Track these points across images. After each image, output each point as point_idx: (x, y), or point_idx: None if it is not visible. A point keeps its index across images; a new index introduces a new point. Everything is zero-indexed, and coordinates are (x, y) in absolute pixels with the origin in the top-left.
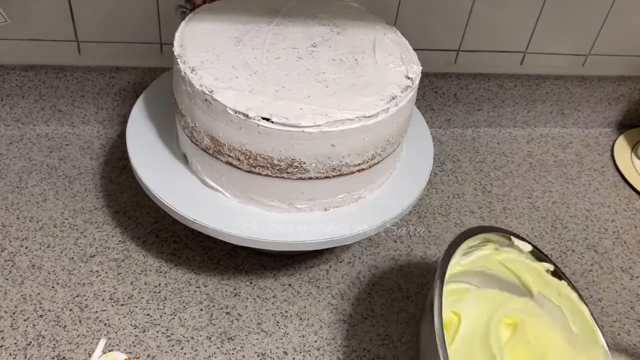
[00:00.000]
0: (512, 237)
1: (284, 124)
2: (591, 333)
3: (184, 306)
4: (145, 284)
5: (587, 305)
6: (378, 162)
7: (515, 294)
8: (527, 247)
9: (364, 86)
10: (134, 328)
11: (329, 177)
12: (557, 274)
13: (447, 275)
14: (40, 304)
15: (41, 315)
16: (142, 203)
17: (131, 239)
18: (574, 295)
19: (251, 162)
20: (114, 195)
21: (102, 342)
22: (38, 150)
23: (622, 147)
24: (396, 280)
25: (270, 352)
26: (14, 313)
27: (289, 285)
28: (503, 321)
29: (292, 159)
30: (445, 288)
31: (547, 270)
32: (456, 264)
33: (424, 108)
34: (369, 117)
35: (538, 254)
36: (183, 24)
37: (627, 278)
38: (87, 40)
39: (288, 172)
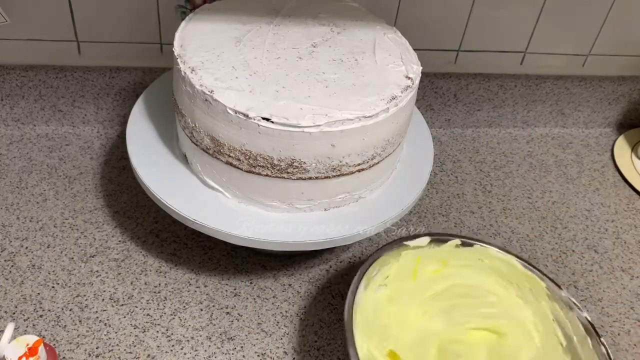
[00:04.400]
0: (404, 242)
1: (284, 124)
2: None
3: (184, 306)
4: (145, 284)
5: (514, 254)
6: (378, 162)
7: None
8: (425, 240)
9: (364, 86)
10: (134, 328)
11: (329, 177)
12: (467, 244)
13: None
14: (40, 304)
15: (41, 316)
16: (142, 203)
17: (131, 239)
18: (494, 250)
19: (251, 162)
20: (114, 195)
21: (11, 327)
22: (38, 150)
23: (622, 147)
24: None
25: (270, 352)
26: (14, 313)
27: (289, 285)
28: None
29: (292, 159)
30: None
31: (457, 245)
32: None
33: (424, 108)
34: (369, 117)
35: (439, 239)
36: (183, 24)
37: (627, 278)
38: (87, 40)
39: (288, 172)
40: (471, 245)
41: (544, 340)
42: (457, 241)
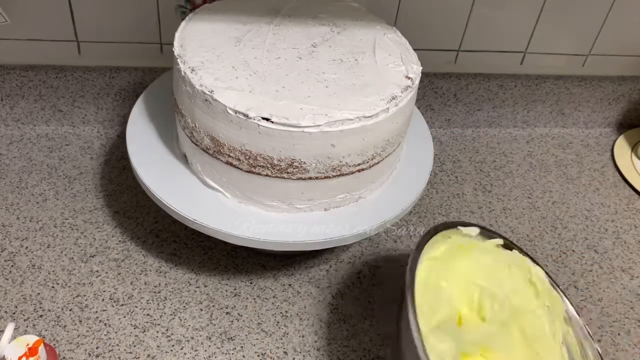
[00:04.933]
0: (458, 227)
1: (284, 124)
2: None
3: (184, 306)
4: (145, 284)
5: (541, 267)
6: (378, 162)
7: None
8: (475, 230)
9: (364, 86)
10: (134, 328)
11: (329, 177)
12: (508, 246)
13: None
14: (40, 304)
15: (41, 315)
16: (142, 203)
17: (131, 239)
18: (527, 260)
19: (251, 162)
20: (114, 195)
21: (11, 327)
22: (38, 150)
23: (622, 147)
24: (396, 280)
25: (270, 352)
26: (14, 313)
27: (289, 285)
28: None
29: (292, 159)
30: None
31: (498, 245)
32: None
33: (424, 108)
34: (369, 117)
35: (486, 233)
36: (183, 24)
37: (627, 278)
38: (87, 40)
39: (288, 172)
40: (510, 249)
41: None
42: (500, 241)
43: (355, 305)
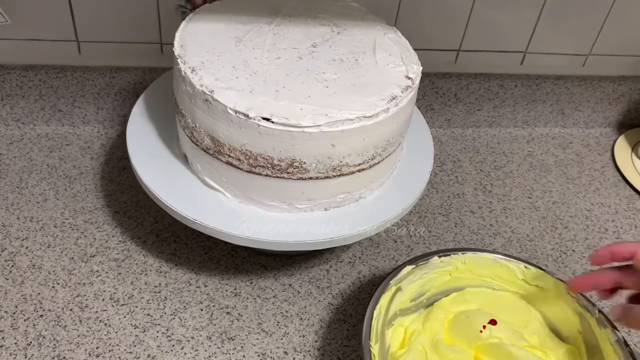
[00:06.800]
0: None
1: (284, 124)
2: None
3: (184, 306)
4: (146, 284)
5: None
6: (378, 162)
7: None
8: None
9: (364, 86)
10: (134, 328)
11: (329, 177)
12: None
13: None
14: (41, 304)
15: (41, 315)
16: (142, 203)
17: (131, 239)
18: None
19: (251, 162)
20: (114, 195)
21: None
22: (38, 150)
23: (622, 147)
24: None
25: (271, 352)
26: (14, 313)
27: (289, 285)
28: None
29: (293, 159)
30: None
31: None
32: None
33: (424, 108)
34: (369, 117)
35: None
36: (183, 24)
37: None
38: (87, 40)
39: (288, 172)
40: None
41: None
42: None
43: (355, 305)
